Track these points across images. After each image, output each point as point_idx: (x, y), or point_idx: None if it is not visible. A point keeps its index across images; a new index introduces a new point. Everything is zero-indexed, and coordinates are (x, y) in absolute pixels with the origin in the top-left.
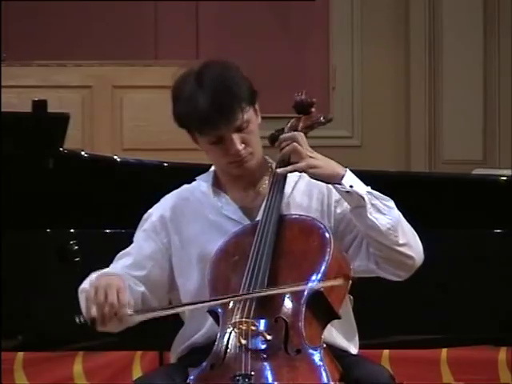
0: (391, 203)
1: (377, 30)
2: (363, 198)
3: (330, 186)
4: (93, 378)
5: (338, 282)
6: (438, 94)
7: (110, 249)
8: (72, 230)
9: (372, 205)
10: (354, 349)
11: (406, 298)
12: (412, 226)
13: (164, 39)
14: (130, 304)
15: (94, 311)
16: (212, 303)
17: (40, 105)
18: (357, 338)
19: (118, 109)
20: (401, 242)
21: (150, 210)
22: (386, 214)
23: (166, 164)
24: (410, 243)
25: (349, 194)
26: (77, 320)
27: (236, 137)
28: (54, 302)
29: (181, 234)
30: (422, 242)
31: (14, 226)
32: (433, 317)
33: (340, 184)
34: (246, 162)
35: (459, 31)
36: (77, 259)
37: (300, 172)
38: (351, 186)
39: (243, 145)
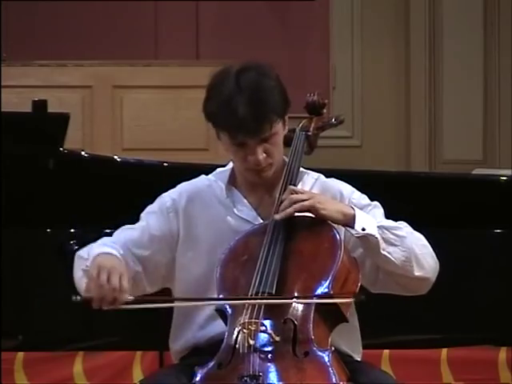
0: (401, 231)
1: (377, 29)
2: (375, 237)
3: (343, 193)
4: (93, 377)
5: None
6: (438, 94)
7: None
8: (72, 230)
9: (384, 239)
10: (357, 357)
11: (406, 298)
12: (411, 226)
13: (164, 39)
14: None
15: (93, 292)
16: (212, 302)
17: (40, 105)
18: (360, 347)
19: (118, 109)
20: (416, 270)
21: (164, 194)
22: (398, 245)
23: (166, 164)
24: (425, 267)
25: (361, 237)
26: (73, 298)
27: (259, 147)
28: (54, 302)
29: (191, 227)
30: None
31: (14, 226)
32: (433, 317)
33: (352, 228)
34: (263, 172)
35: (459, 31)
36: None
37: (304, 211)
38: (363, 229)
39: (264, 155)
